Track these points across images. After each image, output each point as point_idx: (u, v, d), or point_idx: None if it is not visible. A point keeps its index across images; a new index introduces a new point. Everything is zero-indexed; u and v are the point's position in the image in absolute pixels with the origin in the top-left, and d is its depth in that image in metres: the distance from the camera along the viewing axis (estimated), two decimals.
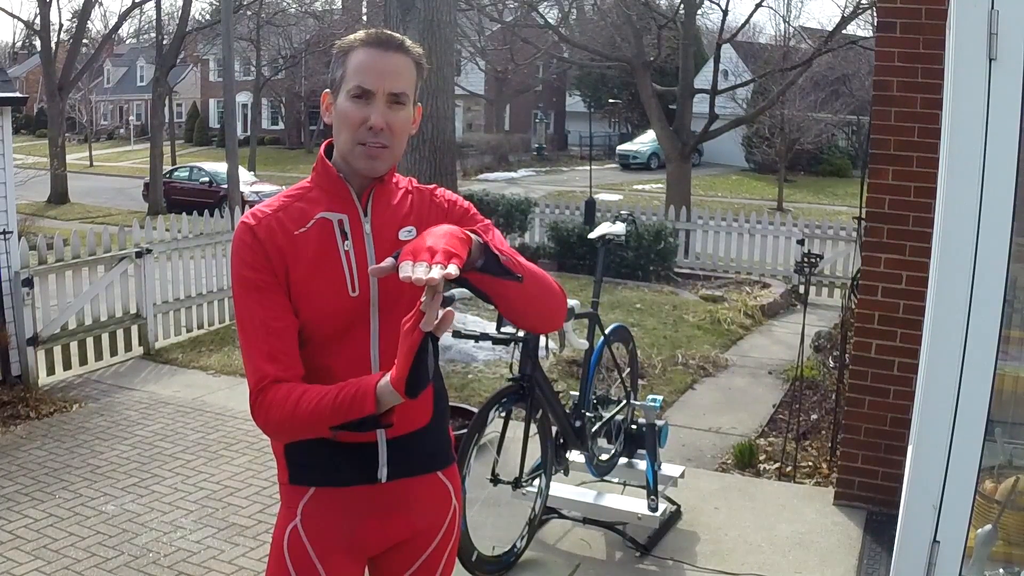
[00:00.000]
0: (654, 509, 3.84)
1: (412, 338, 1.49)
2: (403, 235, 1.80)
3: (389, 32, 1.77)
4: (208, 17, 33.52)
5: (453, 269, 1.45)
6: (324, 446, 1.72)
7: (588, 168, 16.90)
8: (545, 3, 24.27)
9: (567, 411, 3.88)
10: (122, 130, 51.01)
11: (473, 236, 1.60)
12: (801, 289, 9.85)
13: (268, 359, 1.69)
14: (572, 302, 3.78)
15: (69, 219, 21.49)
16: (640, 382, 5.63)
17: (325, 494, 1.80)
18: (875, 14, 8.00)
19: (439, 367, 1.79)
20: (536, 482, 3.79)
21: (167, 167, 26.74)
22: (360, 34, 1.77)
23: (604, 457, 4.12)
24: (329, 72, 1.82)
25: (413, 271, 1.45)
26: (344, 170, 1.78)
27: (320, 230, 1.75)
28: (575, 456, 4.05)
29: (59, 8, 68.46)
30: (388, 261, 1.54)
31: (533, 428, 3.68)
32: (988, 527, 2.27)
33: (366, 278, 1.75)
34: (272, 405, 1.66)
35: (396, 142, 1.74)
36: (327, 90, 1.80)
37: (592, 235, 4.21)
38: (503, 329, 3.52)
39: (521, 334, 3.48)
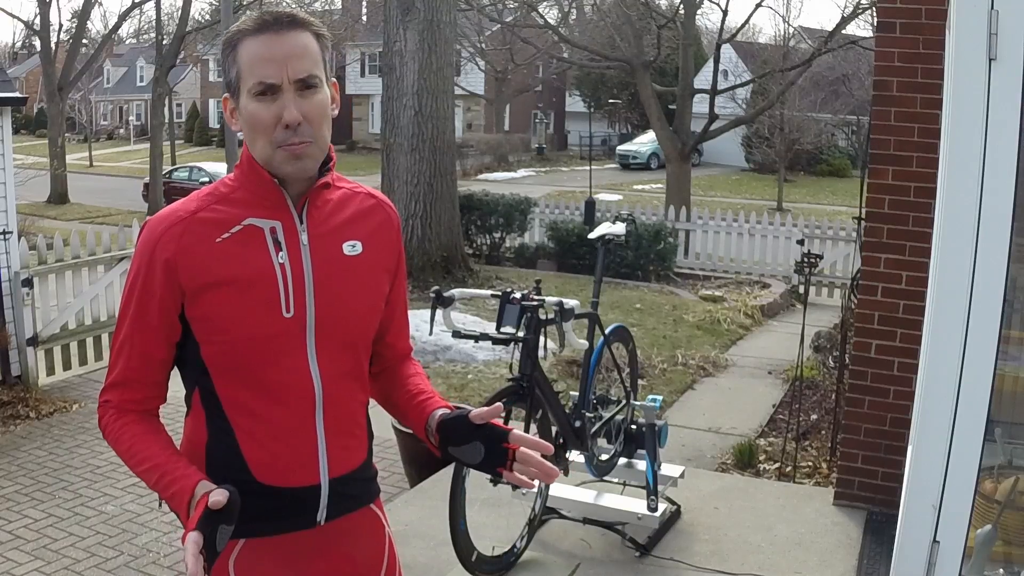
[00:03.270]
0: (654, 509, 3.84)
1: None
2: (347, 250, 1.60)
3: (274, 10, 1.53)
4: (208, 17, 33.48)
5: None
6: (259, 497, 1.53)
7: (588, 168, 16.90)
8: (545, 3, 24.29)
9: (567, 411, 3.88)
10: (122, 130, 50.98)
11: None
12: (801, 289, 9.85)
13: (120, 381, 1.58)
14: (572, 302, 3.78)
15: (69, 219, 21.48)
16: (640, 382, 5.62)
17: (256, 545, 1.57)
18: (875, 14, 7.99)
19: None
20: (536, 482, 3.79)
21: (167, 167, 26.71)
22: (245, 21, 1.53)
23: (604, 457, 4.11)
24: (222, 73, 1.56)
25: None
26: (273, 175, 1.54)
27: (247, 238, 1.52)
28: (575, 456, 4.05)
29: (59, 8, 68.73)
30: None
31: (533, 428, 3.68)
32: (988, 527, 2.26)
33: (302, 296, 1.54)
34: (108, 437, 1.59)
35: (319, 132, 1.51)
36: (225, 95, 1.55)
37: (592, 235, 4.20)
38: (503, 329, 3.52)
39: (521, 334, 3.48)
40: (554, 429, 3.80)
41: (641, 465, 4.13)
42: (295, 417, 1.56)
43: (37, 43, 30.10)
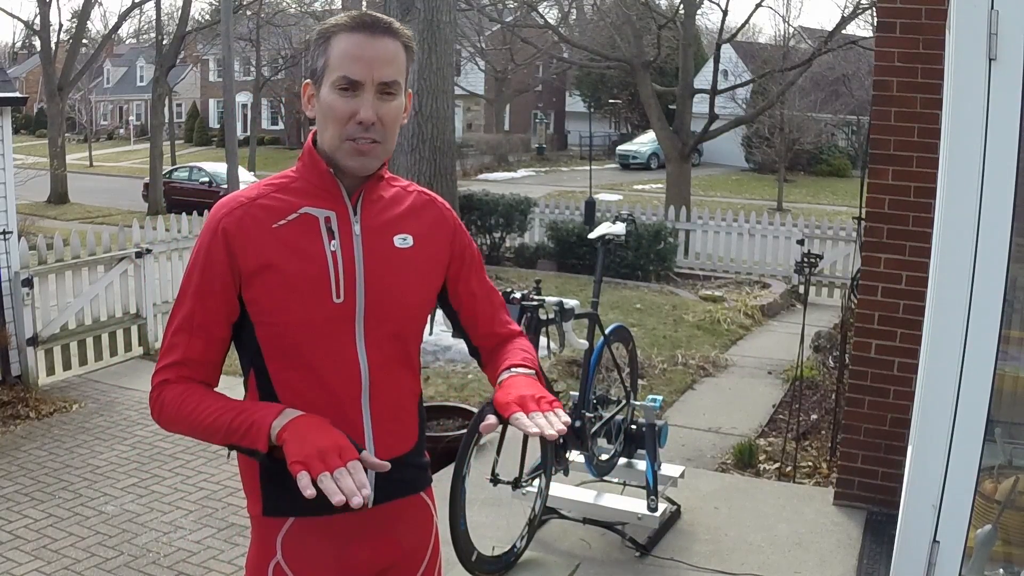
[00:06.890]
0: (654, 509, 3.84)
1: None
2: (398, 242, 1.67)
3: (375, 13, 1.60)
4: (208, 17, 33.51)
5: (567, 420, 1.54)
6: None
7: (588, 168, 16.90)
8: (545, 3, 24.29)
9: (567, 411, 3.88)
10: (122, 130, 50.98)
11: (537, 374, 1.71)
12: (801, 289, 9.85)
13: (180, 360, 1.61)
14: (572, 302, 3.78)
15: (69, 219, 21.48)
16: (640, 382, 5.62)
17: (306, 524, 1.63)
18: (875, 14, 8.00)
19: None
20: (536, 482, 3.79)
21: (167, 167, 26.69)
22: (343, 17, 1.59)
23: (604, 457, 4.11)
24: (309, 60, 1.64)
25: (546, 426, 1.52)
26: (333, 166, 1.63)
27: (302, 226, 1.60)
28: (575, 456, 4.05)
29: (59, 8, 68.73)
30: (492, 419, 1.57)
31: None
32: (988, 527, 2.27)
33: (352, 284, 1.61)
34: (165, 406, 1.60)
35: (388, 136, 1.60)
36: (307, 80, 1.63)
37: (592, 235, 4.20)
38: None
39: None
40: None
41: (641, 465, 4.13)
42: (342, 401, 1.62)
43: (37, 43, 30.09)
